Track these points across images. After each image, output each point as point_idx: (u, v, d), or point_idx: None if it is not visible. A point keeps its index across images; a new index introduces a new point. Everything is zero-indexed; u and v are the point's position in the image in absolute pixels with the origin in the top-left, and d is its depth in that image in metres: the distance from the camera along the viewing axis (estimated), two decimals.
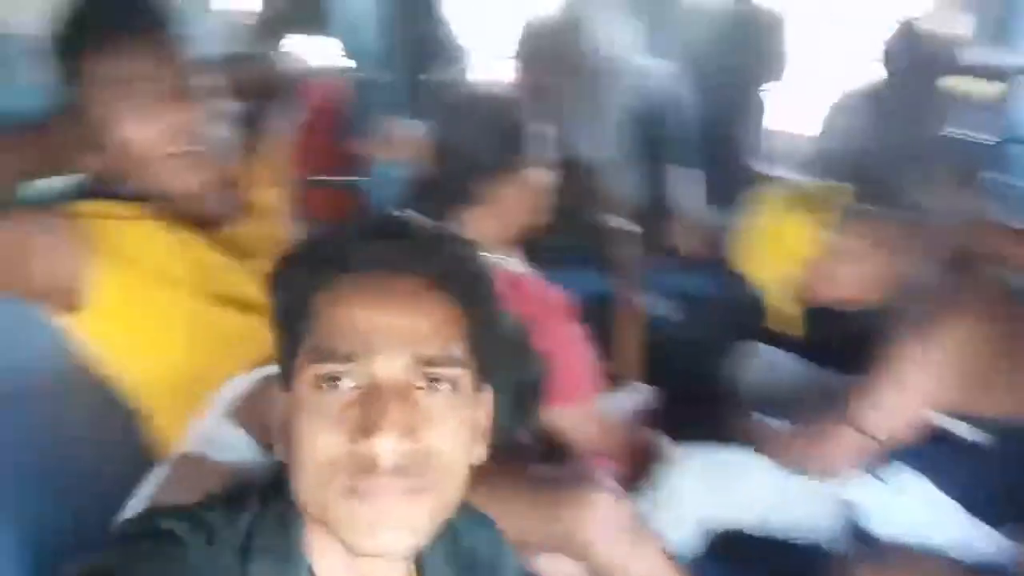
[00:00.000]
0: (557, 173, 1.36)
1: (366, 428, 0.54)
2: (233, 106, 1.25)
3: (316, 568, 0.59)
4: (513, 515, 1.14)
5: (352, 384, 0.56)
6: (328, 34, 2.37)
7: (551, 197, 1.37)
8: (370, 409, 0.54)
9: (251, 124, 1.35)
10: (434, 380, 0.57)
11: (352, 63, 2.52)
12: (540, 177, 1.35)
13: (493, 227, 1.33)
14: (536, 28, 2.02)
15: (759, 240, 1.38)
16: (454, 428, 0.58)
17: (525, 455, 1.27)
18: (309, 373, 0.57)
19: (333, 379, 0.56)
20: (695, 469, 1.32)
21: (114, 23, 0.96)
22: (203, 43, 1.16)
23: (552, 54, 1.98)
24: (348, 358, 0.55)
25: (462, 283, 0.61)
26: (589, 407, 1.30)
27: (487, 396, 0.66)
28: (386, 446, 0.53)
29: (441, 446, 0.56)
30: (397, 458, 0.54)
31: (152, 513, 0.62)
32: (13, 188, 0.96)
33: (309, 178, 2.30)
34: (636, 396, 1.56)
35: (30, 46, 1.02)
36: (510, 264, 1.33)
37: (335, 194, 2.52)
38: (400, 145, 2.01)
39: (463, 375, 0.59)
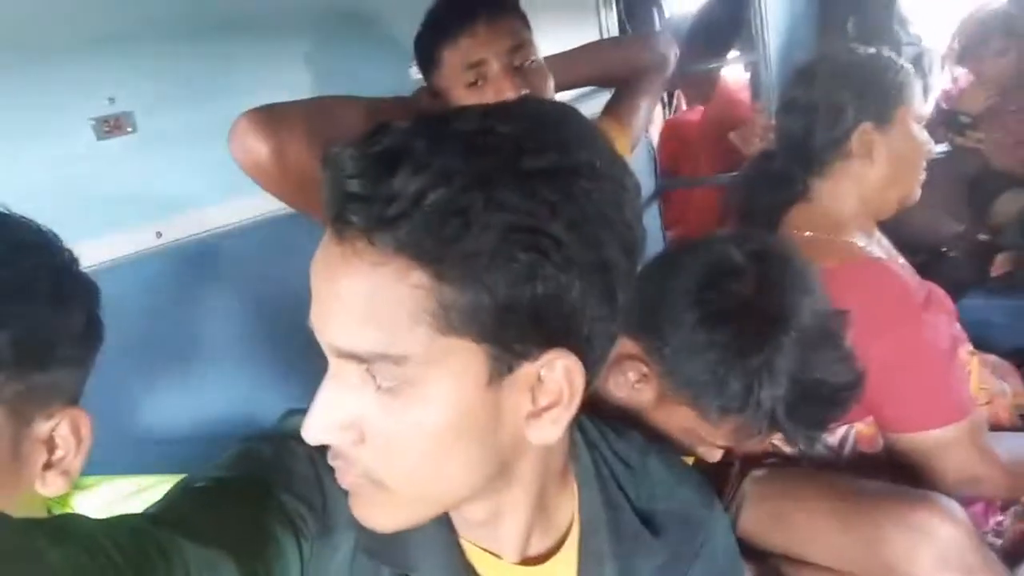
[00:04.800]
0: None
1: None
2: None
3: None
4: (824, 532, 0.98)
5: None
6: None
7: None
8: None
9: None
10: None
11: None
12: (919, 138, 1.14)
13: (851, 199, 1.15)
14: None
15: None
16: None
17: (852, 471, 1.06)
18: None
19: None
20: None
21: (463, 20, 1.08)
22: None
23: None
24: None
25: None
26: (965, 431, 1.03)
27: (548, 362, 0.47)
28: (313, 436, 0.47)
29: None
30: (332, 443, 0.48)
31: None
32: None
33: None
34: None
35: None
36: (867, 246, 1.13)
37: (709, 195, 2.32)
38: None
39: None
